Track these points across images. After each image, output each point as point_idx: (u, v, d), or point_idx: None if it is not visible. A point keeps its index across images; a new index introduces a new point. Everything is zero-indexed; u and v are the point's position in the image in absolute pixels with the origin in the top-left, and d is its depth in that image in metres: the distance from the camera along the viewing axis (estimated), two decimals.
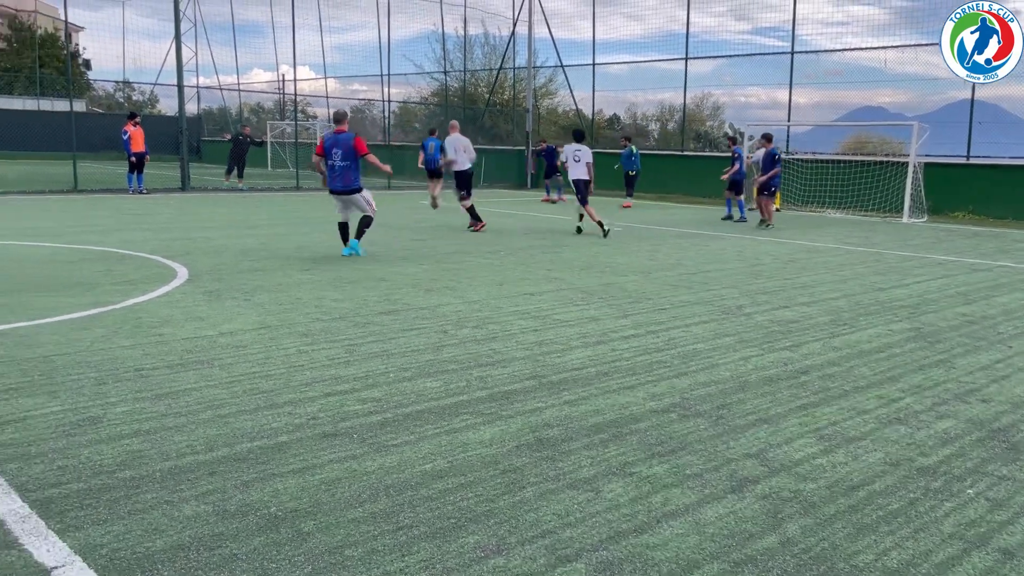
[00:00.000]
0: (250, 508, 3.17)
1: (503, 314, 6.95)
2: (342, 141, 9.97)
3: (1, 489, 3.26)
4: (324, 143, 10.09)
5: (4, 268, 8.52)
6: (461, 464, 3.67)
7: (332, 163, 9.98)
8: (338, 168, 10.00)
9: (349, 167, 9.98)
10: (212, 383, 4.78)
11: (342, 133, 10.03)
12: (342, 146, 9.96)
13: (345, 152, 9.97)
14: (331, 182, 10.06)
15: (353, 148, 9.95)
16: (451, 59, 32.94)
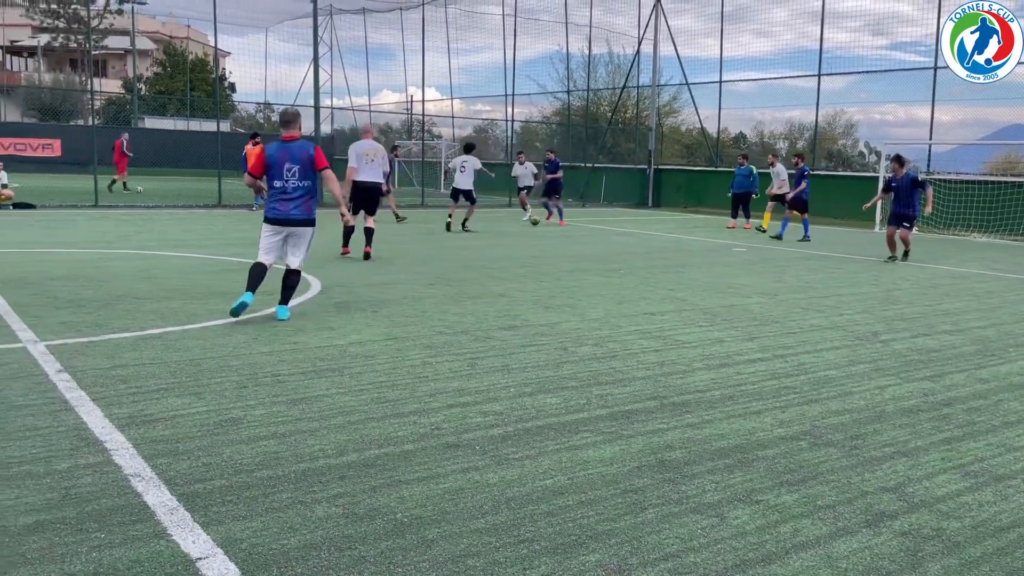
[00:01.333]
0: (378, 512, 3.27)
1: (623, 333, 6.89)
2: (296, 153, 7.04)
3: (152, 482, 3.50)
4: (267, 157, 7.10)
5: (156, 276, 9.17)
6: (582, 481, 3.66)
7: (282, 184, 7.03)
8: (292, 190, 7.04)
9: (309, 189, 7.12)
10: (342, 390, 4.97)
11: (293, 141, 7.11)
12: (298, 160, 7.03)
13: (303, 168, 7.05)
14: (277, 209, 7.06)
15: (313, 161, 7.09)
16: (574, 78, 33.13)
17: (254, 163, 7.18)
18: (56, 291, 7.96)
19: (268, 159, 7.12)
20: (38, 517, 3.11)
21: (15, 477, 3.48)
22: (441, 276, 9.93)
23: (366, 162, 11.56)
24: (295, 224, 7.14)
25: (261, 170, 7.14)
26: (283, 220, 7.10)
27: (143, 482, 3.48)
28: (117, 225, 15.35)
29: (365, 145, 11.69)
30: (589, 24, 30.24)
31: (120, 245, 12.12)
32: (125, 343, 5.93)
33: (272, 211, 7.12)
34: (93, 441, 3.94)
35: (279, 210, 7.09)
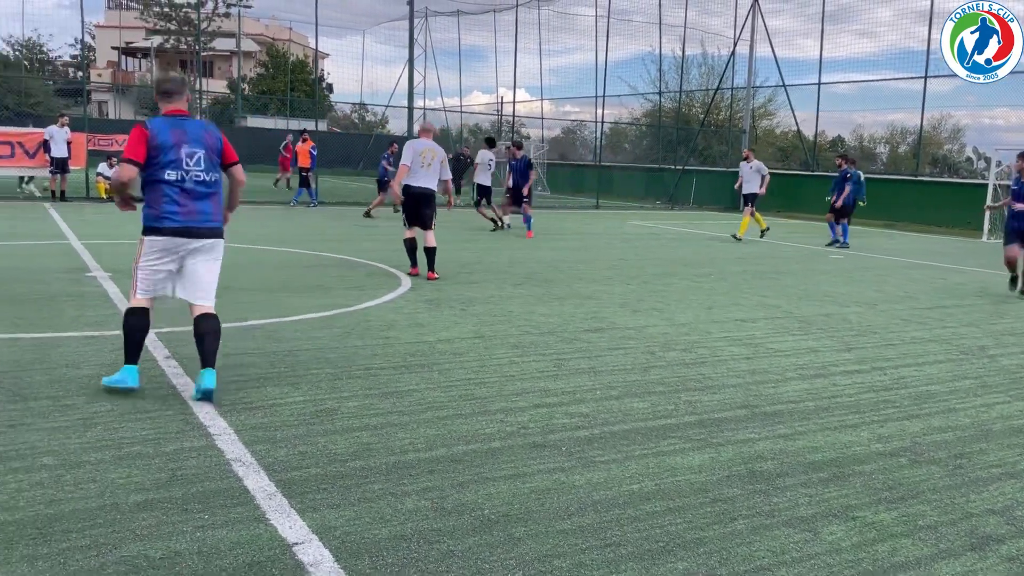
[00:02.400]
0: (465, 508, 3.32)
1: (712, 339, 6.77)
2: (198, 134, 4.79)
3: (252, 467, 3.65)
4: (154, 135, 4.64)
5: (256, 270, 9.53)
6: (669, 488, 3.62)
7: (179, 175, 4.67)
8: (197, 186, 4.74)
9: (215, 186, 4.86)
10: (432, 386, 5.06)
11: (186, 118, 4.82)
12: (202, 142, 4.77)
13: (210, 157, 4.81)
14: (175, 213, 4.68)
15: (221, 149, 4.90)
16: (666, 80, 32.73)
17: (132, 148, 4.61)
18: None
19: (156, 139, 4.61)
20: (147, 496, 3.29)
21: (126, 457, 3.69)
22: (528, 277, 9.97)
23: (421, 164, 9.52)
24: (204, 235, 4.77)
25: (144, 157, 4.59)
26: (185, 230, 4.69)
27: (243, 467, 3.63)
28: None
29: (424, 144, 9.62)
30: (684, 25, 29.81)
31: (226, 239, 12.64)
32: (228, 333, 6.16)
33: (167, 218, 4.65)
34: (198, 425, 4.13)
35: (178, 216, 4.66)
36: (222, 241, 4.98)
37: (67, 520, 3.04)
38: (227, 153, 4.96)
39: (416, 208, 9.65)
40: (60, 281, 8.09)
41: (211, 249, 4.87)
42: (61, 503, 3.18)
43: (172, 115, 4.80)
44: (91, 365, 5.13)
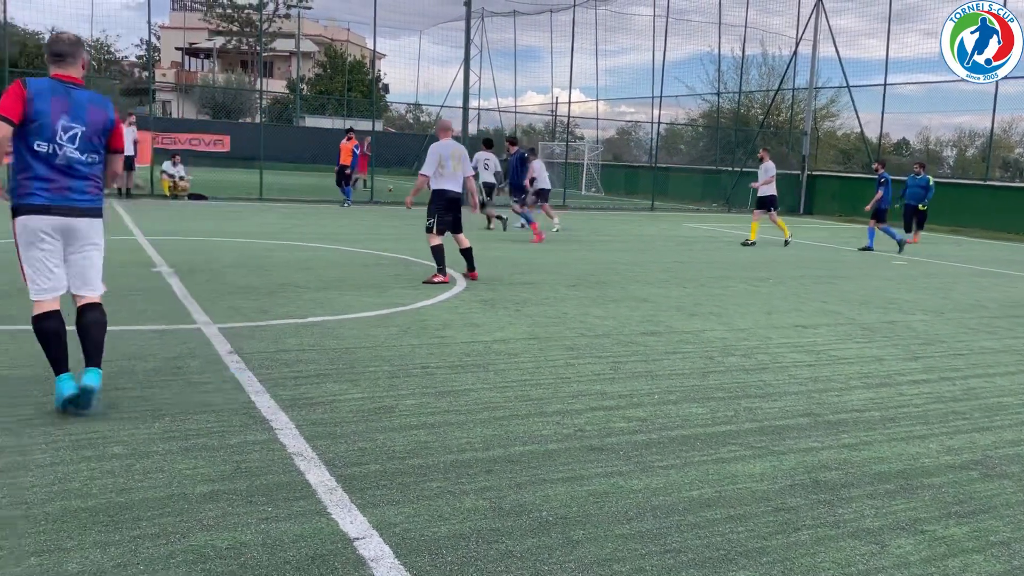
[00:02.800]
0: (523, 509, 3.31)
1: (773, 345, 6.65)
2: (84, 106, 4.26)
3: (313, 462, 3.70)
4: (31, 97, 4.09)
5: (314, 268, 9.68)
6: (730, 496, 3.56)
7: (51, 150, 4.16)
8: (75, 163, 4.25)
9: (95, 165, 4.36)
10: (488, 386, 5.07)
11: (75, 88, 4.27)
12: (85, 118, 4.25)
13: (90, 138, 4.29)
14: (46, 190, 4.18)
15: (109, 131, 4.41)
16: (724, 80, 32.29)
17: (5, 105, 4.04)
18: (226, 277, 8.56)
19: (33, 103, 4.08)
20: (213, 487, 3.36)
21: (192, 448, 3.77)
22: (582, 278, 9.94)
23: (453, 168, 9.10)
24: (83, 214, 4.28)
25: (19, 116, 4.05)
26: (56, 208, 4.18)
27: (305, 461, 3.69)
28: (280, 218, 16.33)
29: (450, 148, 9.17)
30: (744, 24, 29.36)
31: (282, 237, 12.89)
32: (288, 329, 6.30)
33: (34, 194, 4.15)
34: (260, 419, 4.21)
35: (46, 192, 4.16)
36: (100, 222, 4.42)
37: (137, 508, 3.12)
38: (115, 137, 4.47)
39: (453, 213, 9.25)
40: (127, 276, 8.33)
41: (88, 233, 4.33)
42: (131, 491, 3.27)
43: (60, 80, 4.22)
44: (158, 358, 5.27)
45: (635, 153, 44.11)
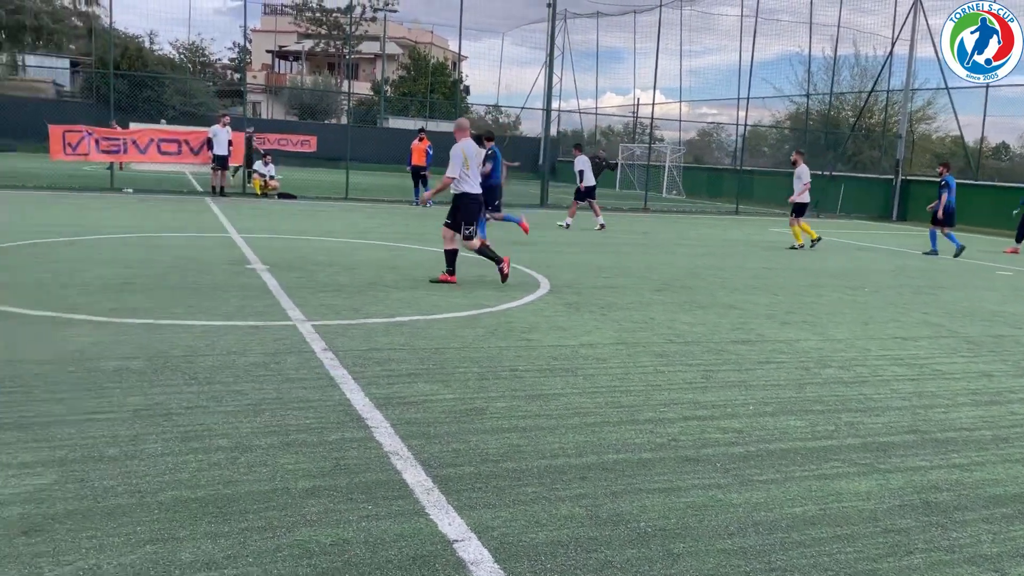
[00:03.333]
0: (620, 519, 3.26)
1: (871, 357, 6.41)
2: None
3: (409, 461, 3.73)
4: None
5: (400, 267, 9.82)
6: (835, 514, 3.43)
7: None
8: None
9: None
10: (577, 391, 5.03)
11: None
12: None
13: None
14: None
15: None
16: (814, 81, 31.37)
17: None
18: (317, 275, 8.76)
19: None
20: (314, 482, 3.42)
21: (293, 444, 3.86)
22: (668, 283, 9.79)
23: (478, 167, 9.07)
24: None
25: None
26: None
27: (401, 460, 3.73)
28: (364, 217, 16.65)
29: (472, 148, 8.97)
30: (837, 24, 28.46)
31: (368, 236, 13.13)
32: (378, 328, 6.40)
33: None
34: (356, 417, 4.28)
35: None
36: None
37: (243, 501, 3.21)
38: None
39: (477, 214, 9.14)
40: (224, 272, 8.62)
41: None
42: (237, 484, 3.36)
43: None
44: (256, 353, 5.42)
45: (716, 155, 43.31)
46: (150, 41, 47.95)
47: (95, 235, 11.20)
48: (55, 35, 48.28)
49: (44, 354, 5.10)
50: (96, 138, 18.94)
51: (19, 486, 3.22)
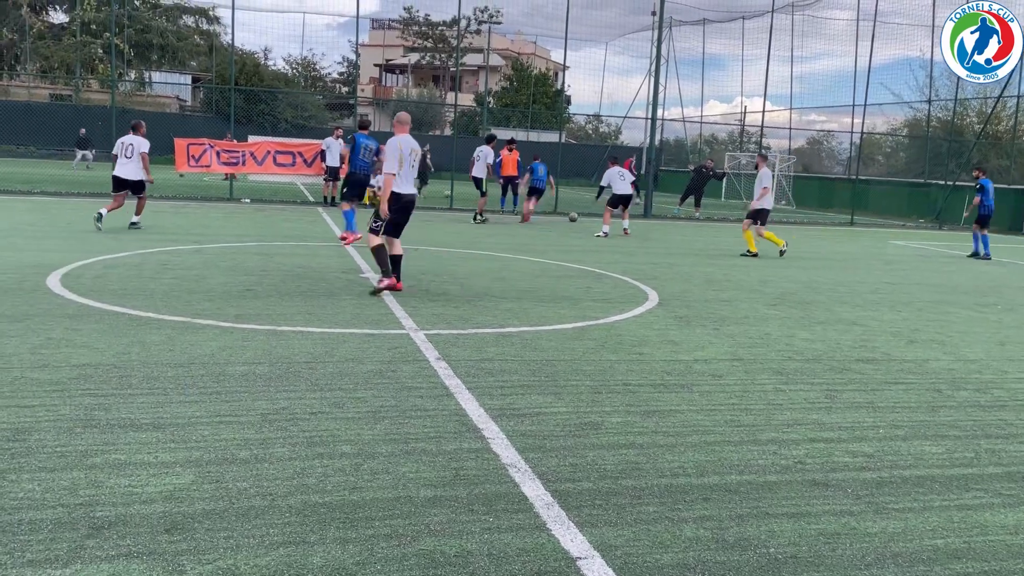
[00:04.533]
0: (748, 543, 3.15)
1: (1010, 380, 6.00)
2: None
3: (527, 474, 3.72)
4: None
5: (507, 278, 9.87)
6: (981, 548, 3.21)
7: None
8: None
9: None
10: (694, 408, 4.91)
11: None
12: None
13: None
14: None
15: None
16: (936, 87, 29.87)
17: None
18: (427, 285, 8.91)
19: None
20: (435, 492, 3.45)
21: (413, 452, 3.91)
22: (782, 297, 9.47)
23: (412, 165, 8.24)
24: None
25: None
26: None
27: (519, 473, 3.72)
28: (469, 227, 16.85)
29: (408, 143, 8.24)
30: None
31: (474, 246, 13.27)
32: (489, 338, 6.44)
33: None
34: (472, 428, 4.30)
35: None
36: None
37: (369, 508, 3.26)
38: None
39: (405, 217, 8.29)
40: (339, 280, 8.88)
41: None
42: (362, 491, 3.42)
43: None
44: (373, 361, 5.54)
45: (827, 164, 41.80)
46: (265, 57, 50.21)
47: (217, 243, 11.75)
48: (179, 53, 51.21)
49: (177, 358, 5.36)
50: (217, 150, 19.92)
51: (160, 485, 3.38)
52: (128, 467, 3.55)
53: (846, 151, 34.47)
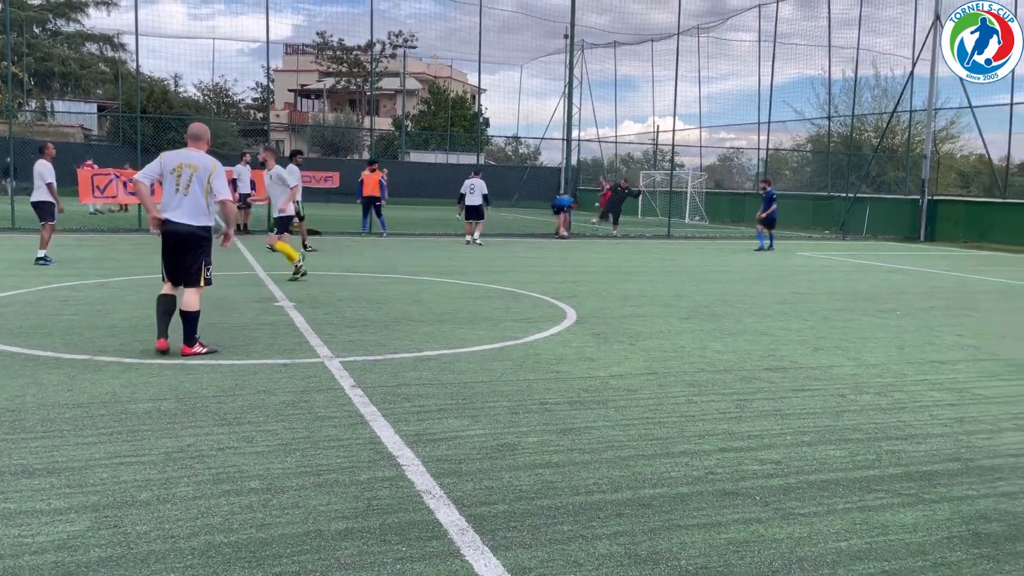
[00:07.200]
0: (660, 557, 3.18)
1: (908, 382, 6.27)
2: None
3: (442, 500, 3.68)
4: None
5: (425, 301, 9.82)
6: (882, 548, 3.32)
7: None
8: None
9: None
10: (609, 423, 4.96)
11: None
12: None
13: None
14: None
15: None
16: (835, 104, 31.28)
17: None
18: (344, 311, 8.78)
19: None
20: (347, 524, 3.38)
21: (325, 484, 3.82)
22: (695, 310, 9.70)
23: (176, 187, 6.37)
24: None
25: None
26: None
27: (434, 499, 3.67)
28: (389, 251, 16.72)
29: (177, 158, 6.46)
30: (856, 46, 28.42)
31: (393, 270, 13.16)
32: (406, 363, 6.37)
33: None
34: (387, 455, 4.24)
35: None
36: None
37: (276, 545, 3.17)
38: None
39: (174, 254, 6.52)
40: (252, 310, 8.67)
41: None
42: (270, 527, 3.32)
43: None
44: (285, 392, 5.41)
45: (737, 180, 43.19)
46: (175, 84, 48.95)
47: (123, 276, 11.33)
48: (83, 81, 49.50)
49: (76, 398, 5.13)
50: (124, 180, 19.26)
51: (52, 533, 3.21)
52: (19, 516, 3.36)
53: (755, 167, 35.69)
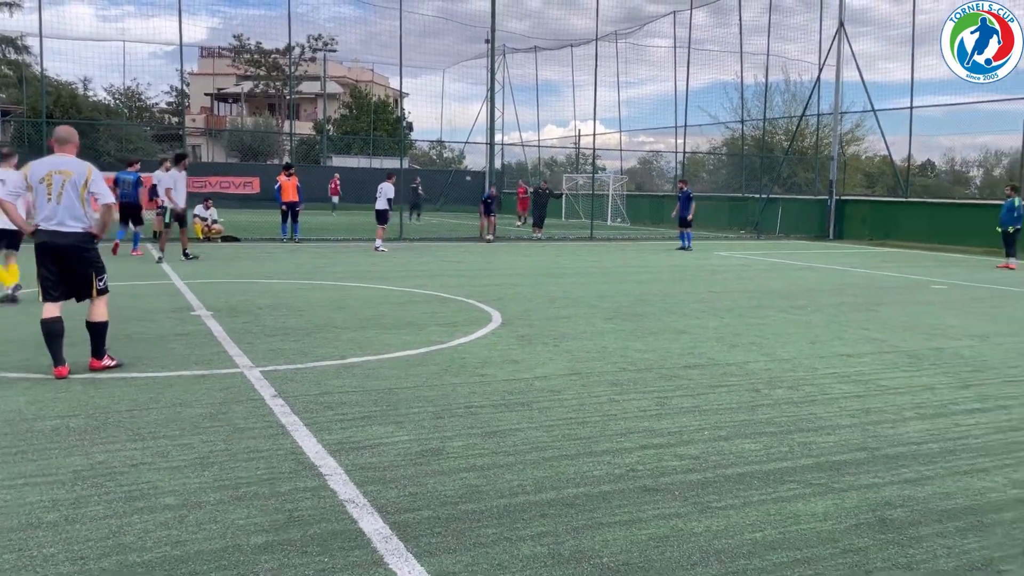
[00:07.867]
0: (583, 555, 3.23)
1: (819, 376, 6.52)
2: None
3: (365, 509, 3.65)
4: None
5: (350, 307, 9.70)
6: (795, 537, 3.45)
7: None
8: None
9: None
10: (533, 425, 5.00)
11: None
12: None
13: None
14: None
15: None
16: (748, 108, 32.28)
17: None
18: (264, 319, 8.60)
19: None
20: (267, 538, 3.32)
21: (244, 497, 3.74)
22: (617, 311, 9.86)
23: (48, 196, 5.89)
24: None
25: None
26: None
27: (357, 508, 3.64)
28: (312, 257, 16.45)
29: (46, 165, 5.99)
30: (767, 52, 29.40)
31: (316, 276, 12.96)
32: (329, 371, 6.29)
33: None
34: (309, 465, 4.18)
35: None
36: None
37: (193, 562, 3.09)
38: None
39: (58, 267, 5.98)
40: (168, 320, 8.41)
41: None
42: (186, 544, 3.23)
43: None
44: (202, 404, 5.27)
45: (657, 182, 44.10)
46: (84, 88, 47.03)
47: (30, 288, 10.83)
48: None
49: None
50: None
51: None
52: None
53: (673, 169, 36.48)
